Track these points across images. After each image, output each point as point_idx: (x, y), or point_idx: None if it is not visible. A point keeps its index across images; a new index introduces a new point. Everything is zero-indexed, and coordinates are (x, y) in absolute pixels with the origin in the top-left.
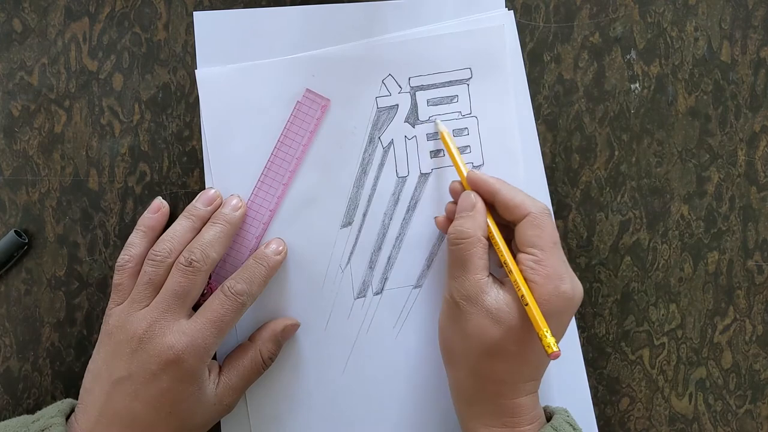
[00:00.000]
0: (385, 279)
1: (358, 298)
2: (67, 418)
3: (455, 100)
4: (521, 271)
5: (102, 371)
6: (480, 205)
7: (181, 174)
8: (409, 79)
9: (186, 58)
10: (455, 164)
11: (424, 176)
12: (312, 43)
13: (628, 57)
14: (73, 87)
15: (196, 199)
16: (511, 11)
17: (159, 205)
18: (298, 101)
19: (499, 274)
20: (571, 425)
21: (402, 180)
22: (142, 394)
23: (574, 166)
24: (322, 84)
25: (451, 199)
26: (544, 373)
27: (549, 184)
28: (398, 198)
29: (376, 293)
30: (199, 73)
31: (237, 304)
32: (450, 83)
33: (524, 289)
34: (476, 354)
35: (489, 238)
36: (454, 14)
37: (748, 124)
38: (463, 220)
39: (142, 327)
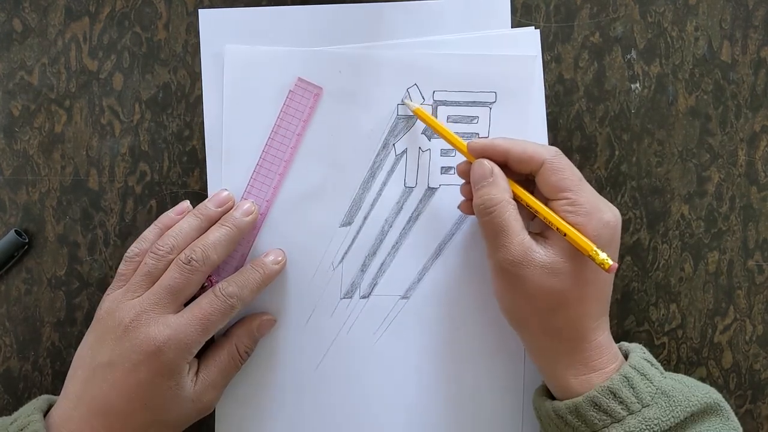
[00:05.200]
0: (375, 284)
1: (344, 298)
2: (46, 414)
3: (475, 120)
4: (562, 218)
5: (87, 356)
6: (497, 169)
7: (181, 174)
8: (434, 92)
9: (186, 58)
10: (450, 138)
11: (431, 190)
12: (315, 43)
13: (628, 57)
14: (74, 87)
15: (208, 199)
16: (538, 30)
17: (185, 208)
18: (290, 90)
19: (533, 228)
20: (648, 361)
21: (408, 190)
22: (119, 383)
23: (575, 165)
24: (347, 81)
25: (462, 183)
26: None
27: None
28: (401, 207)
29: (363, 297)
30: (228, 49)
31: (226, 305)
32: (473, 104)
33: (558, 224)
34: (545, 310)
35: (515, 199)
36: (461, 20)
37: (748, 123)
38: (487, 188)
39: (129, 316)
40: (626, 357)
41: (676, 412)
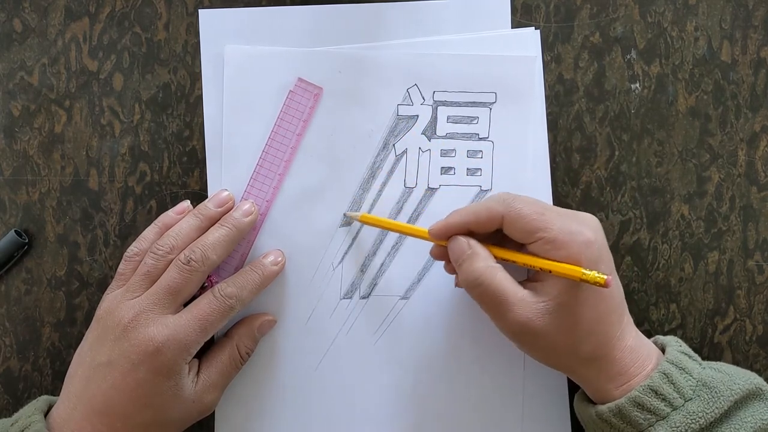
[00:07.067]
0: (374, 285)
1: (344, 298)
2: (46, 415)
3: (475, 121)
4: (544, 257)
5: (86, 355)
6: (472, 241)
7: (181, 174)
8: (434, 92)
9: (186, 58)
10: (409, 231)
11: (431, 190)
12: (315, 43)
13: (628, 57)
14: (73, 87)
15: (208, 199)
16: (538, 30)
17: (185, 207)
18: (290, 90)
19: (520, 277)
20: (686, 354)
21: (408, 191)
22: (119, 383)
23: (575, 166)
24: (347, 82)
25: (443, 264)
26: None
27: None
28: (401, 207)
29: (363, 297)
30: (228, 49)
31: (225, 306)
32: (473, 104)
33: (539, 264)
34: (572, 346)
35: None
36: (461, 21)
37: (748, 123)
38: (468, 262)
39: (128, 316)
40: (663, 351)
41: (720, 402)
